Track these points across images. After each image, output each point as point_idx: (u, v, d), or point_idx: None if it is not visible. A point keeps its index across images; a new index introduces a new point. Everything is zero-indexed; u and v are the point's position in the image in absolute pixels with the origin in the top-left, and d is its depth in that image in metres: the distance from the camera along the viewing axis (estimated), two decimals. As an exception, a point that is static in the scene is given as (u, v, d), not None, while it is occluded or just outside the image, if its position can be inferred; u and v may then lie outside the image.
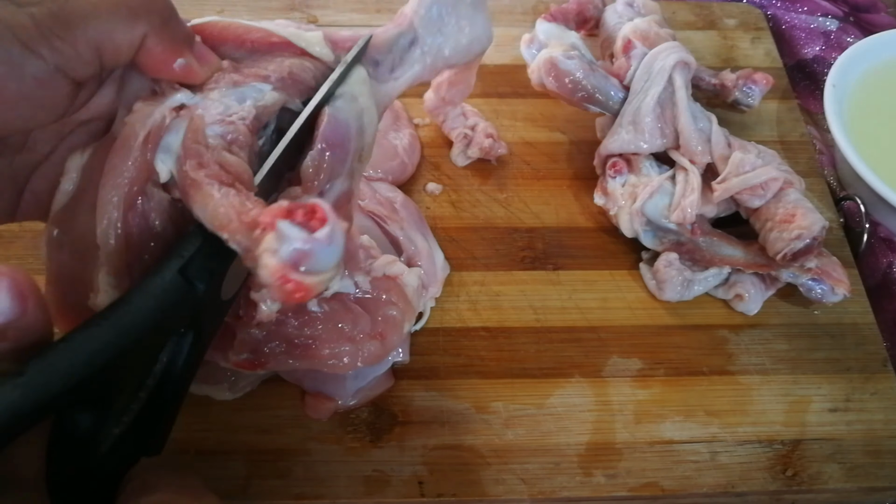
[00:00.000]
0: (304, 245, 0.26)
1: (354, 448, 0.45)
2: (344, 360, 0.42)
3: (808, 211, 0.49)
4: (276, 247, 0.26)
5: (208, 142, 0.33)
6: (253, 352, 0.40)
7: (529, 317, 0.51)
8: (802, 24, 0.71)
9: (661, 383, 0.49)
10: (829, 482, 0.45)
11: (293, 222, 0.26)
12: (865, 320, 0.52)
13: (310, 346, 0.41)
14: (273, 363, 0.41)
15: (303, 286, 0.26)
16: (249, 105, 0.35)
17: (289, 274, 0.26)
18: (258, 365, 0.40)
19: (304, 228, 0.26)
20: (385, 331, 0.43)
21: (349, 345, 0.42)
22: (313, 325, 0.41)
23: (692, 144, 0.52)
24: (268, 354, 0.40)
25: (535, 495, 0.44)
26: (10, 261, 0.51)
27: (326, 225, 0.26)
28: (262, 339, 0.40)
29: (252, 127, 0.35)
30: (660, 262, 0.51)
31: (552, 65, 0.55)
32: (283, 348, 0.41)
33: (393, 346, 0.44)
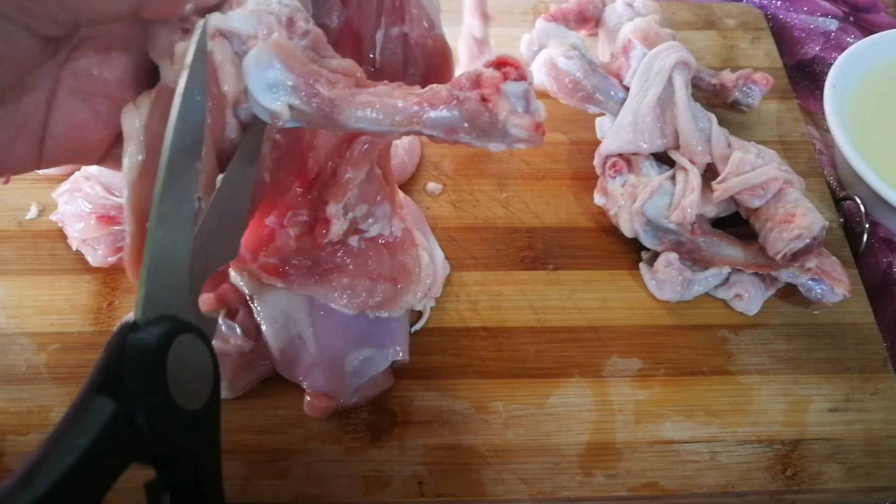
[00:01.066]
0: (526, 90, 0.30)
1: (354, 448, 0.45)
2: (361, 295, 0.43)
3: (808, 211, 0.49)
4: (512, 106, 0.30)
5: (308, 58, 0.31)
6: (281, 259, 0.40)
7: (529, 317, 0.51)
8: (802, 24, 0.71)
9: (661, 383, 0.49)
10: (829, 482, 0.45)
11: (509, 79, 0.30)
12: (865, 320, 0.52)
13: (333, 272, 0.42)
14: (294, 277, 0.40)
15: (543, 121, 0.30)
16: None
17: (536, 120, 0.30)
18: (281, 273, 0.40)
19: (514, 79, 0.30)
20: (399, 276, 0.44)
21: (368, 281, 0.42)
22: (344, 255, 0.42)
23: (692, 144, 0.52)
24: (294, 266, 0.40)
25: (535, 495, 0.44)
26: (12, 261, 0.51)
27: (521, 64, 0.30)
28: (294, 250, 0.40)
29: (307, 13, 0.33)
30: (660, 262, 0.51)
31: (552, 65, 0.55)
32: (309, 266, 0.41)
33: (403, 294, 0.45)
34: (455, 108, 0.31)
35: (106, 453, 0.24)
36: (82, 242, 0.50)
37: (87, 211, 0.49)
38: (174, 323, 0.26)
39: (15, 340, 0.48)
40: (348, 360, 0.45)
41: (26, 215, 0.53)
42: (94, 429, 0.24)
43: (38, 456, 0.23)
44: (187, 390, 0.26)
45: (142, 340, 0.25)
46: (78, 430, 0.23)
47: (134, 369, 0.25)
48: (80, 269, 0.51)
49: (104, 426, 0.24)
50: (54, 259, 0.52)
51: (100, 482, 0.24)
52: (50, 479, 0.22)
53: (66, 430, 0.24)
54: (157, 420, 0.25)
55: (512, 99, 0.30)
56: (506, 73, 0.30)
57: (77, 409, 0.24)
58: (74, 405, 0.24)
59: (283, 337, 0.45)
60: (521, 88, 0.30)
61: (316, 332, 0.45)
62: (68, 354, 0.48)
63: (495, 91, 0.30)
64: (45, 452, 0.23)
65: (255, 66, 0.30)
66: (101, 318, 0.49)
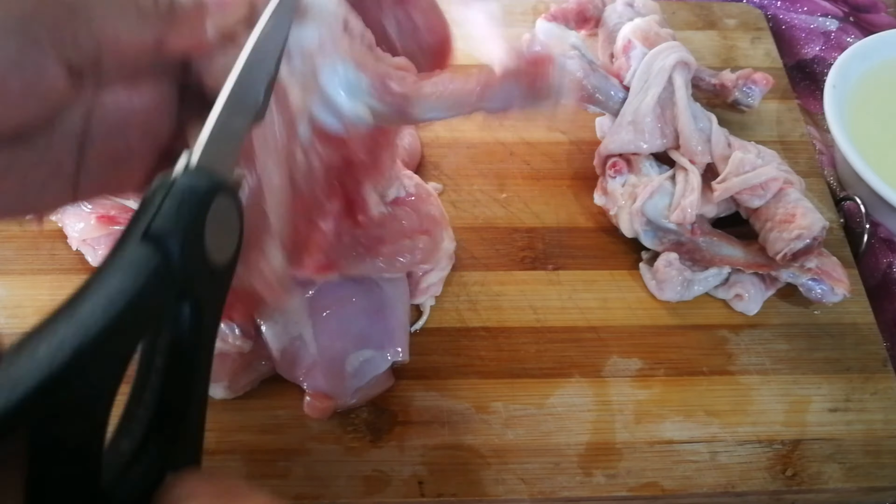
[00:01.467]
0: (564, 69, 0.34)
1: (354, 448, 0.45)
2: (406, 256, 0.45)
3: (808, 211, 0.49)
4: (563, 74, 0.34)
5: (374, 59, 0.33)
6: (327, 254, 0.41)
7: (529, 317, 0.51)
8: (802, 24, 0.71)
9: (661, 383, 0.49)
10: (829, 482, 0.45)
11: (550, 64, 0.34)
12: (865, 320, 0.52)
13: (375, 246, 0.43)
14: (345, 265, 0.43)
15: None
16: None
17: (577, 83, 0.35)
18: (333, 266, 0.42)
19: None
20: (430, 226, 0.46)
21: (407, 241, 0.44)
22: (378, 227, 0.43)
23: (692, 144, 0.52)
24: (340, 255, 0.42)
25: (535, 495, 0.44)
26: (12, 261, 0.51)
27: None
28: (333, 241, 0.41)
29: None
30: (660, 262, 0.51)
31: (552, 65, 0.55)
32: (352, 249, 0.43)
33: (438, 242, 0.48)
34: (512, 86, 0.34)
35: (147, 301, 0.24)
36: (82, 242, 0.50)
37: (87, 211, 0.49)
38: (219, 178, 0.27)
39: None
40: (349, 360, 0.45)
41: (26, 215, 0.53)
42: (141, 276, 0.24)
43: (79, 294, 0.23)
44: (217, 244, 0.27)
45: (193, 184, 0.26)
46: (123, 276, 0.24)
47: (180, 205, 0.25)
48: (80, 269, 0.51)
49: (149, 275, 0.24)
50: (54, 259, 0.52)
51: (139, 330, 0.25)
52: (100, 319, 0.23)
53: (110, 274, 0.24)
54: (192, 268, 0.25)
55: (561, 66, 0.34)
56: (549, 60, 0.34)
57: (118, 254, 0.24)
58: (115, 249, 0.25)
59: (283, 337, 0.45)
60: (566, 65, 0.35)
61: (316, 333, 0.45)
62: (68, 354, 0.48)
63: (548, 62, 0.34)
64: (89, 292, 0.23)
65: (331, 77, 0.32)
66: (101, 318, 0.49)
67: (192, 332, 0.27)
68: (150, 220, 0.25)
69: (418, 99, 0.33)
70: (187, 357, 0.27)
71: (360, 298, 0.47)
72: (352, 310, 0.46)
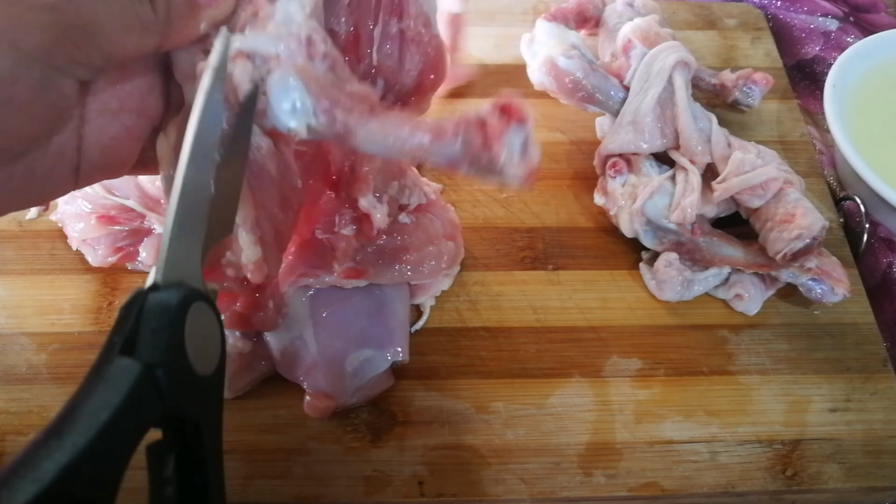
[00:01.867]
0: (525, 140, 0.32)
1: (354, 448, 0.45)
2: (432, 262, 0.46)
3: (808, 211, 0.49)
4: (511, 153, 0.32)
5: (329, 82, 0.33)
6: (355, 261, 0.43)
7: (529, 317, 0.51)
8: (802, 24, 0.71)
9: (661, 383, 0.49)
10: (829, 482, 0.45)
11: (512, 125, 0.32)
12: (865, 320, 0.52)
13: (400, 253, 0.45)
14: (372, 272, 0.44)
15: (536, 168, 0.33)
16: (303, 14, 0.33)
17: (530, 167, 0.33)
18: (361, 273, 0.44)
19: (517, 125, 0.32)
20: (453, 232, 0.48)
21: (431, 247, 0.46)
22: (403, 235, 0.46)
23: (692, 144, 0.52)
24: (366, 262, 0.44)
25: (535, 495, 0.44)
26: (12, 261, 0.51)
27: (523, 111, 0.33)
28: (359, 248, 0.43)
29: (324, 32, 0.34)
30: (660, 262, 0.51)
31: (552, 65, 0.55)
32: (378, 256, 0.45)
33: (461, 245, 0.50)
34: (459, 146, 0.33)
35: (133, 413, 0.24)
36: (82, 242, 0.50)
37: (87, 211, 0.49)
38: (190, 289, 0.28)
39: (15, 340, 0.48)
40: (349, 360, 0.45)
41: (26, 215, 0.53)
42: (124, 388, 0.24)
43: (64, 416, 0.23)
44: (201, 355, 0.27)
45: (163, 300, 0.26)
46: (107, 388, 0.24)
47: (156, 327, 0.26)
48: (80, 269, 0.51)
49: (132, 385, 0.24)
50: (54, 259, 0.52)
51: (128, 444, 0.25)
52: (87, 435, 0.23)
53: (92, 390, 0.24)
54: (175, 379, 0.26)
55: (512, 147, 0.33)
56: (508, 120, 0.33)
57: (100, 371, 0.25)
58: (95, 367, 0.25)
59: (283, 337, 0.45)
60: (520, 139, 0.33)
61: (316, 333, 0.45)
62: (68, 354, 0.48)
63: (498, 138, 0.33)
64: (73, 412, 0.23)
65: (279, 88, 0.32)
66: (101, 318, 0.49)
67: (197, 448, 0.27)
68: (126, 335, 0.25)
69: (362, 132, 0.33)
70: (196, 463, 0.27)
71: (360, 298, 0.47)
72: (352, 310, 0.46)
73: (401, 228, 0.47)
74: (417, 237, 0.47)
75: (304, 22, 0.33)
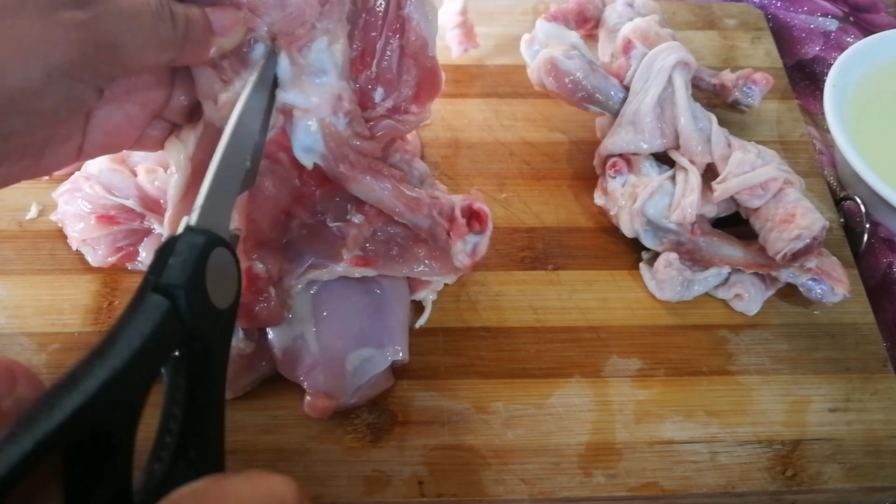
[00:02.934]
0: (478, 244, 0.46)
1: (354, 448, 0.45)
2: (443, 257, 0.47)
3: (808, 211, 0.49)
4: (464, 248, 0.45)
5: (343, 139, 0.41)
6: (363, 249, 0.46)
7: (529, 317, 0.51)
8: (802, 24, 0.71)
9: (661, 383, 0.49)
10: (829, 482, 0.45)
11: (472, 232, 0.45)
12: (865, 320, 0.52)
13: (412, 247, 0.47)
14: (382, 262, 0.46)
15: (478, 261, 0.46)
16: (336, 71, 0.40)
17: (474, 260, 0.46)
18: (370, 262, 0.46)
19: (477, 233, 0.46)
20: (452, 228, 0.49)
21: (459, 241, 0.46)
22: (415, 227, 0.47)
23: (692, 144, 0.52)
24: (376, 252, 0.46)
25: (535, 495, 0.44)
26: (12, 261, 0.51)
27: (486, 221, 0.46)
28: (370, 238, 0.46)
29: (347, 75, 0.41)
30: (660, 262, 0.51)
31: (552, 65, 0.55)
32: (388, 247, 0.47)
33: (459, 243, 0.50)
34: (427, 222, 0.45)
35: (161, 340, 0.29)
36: (82, 242, 0.50)
37: (87, 211, 0.49)
38: (216, 235, 0.32)
39: (15, 340, 0.48)
40: (349, 360, 0.45)
41: (26, 215, 0.53)
42: (154, 319, 0.28)
43: (104, 342, 0.27)
44: (218, 290, 0.32)
45: (192, 241, 0.31)
46: (141, 319, 0.28)
47: (183, 260, 0.30)
48: (80, 269, 0.51)
49: (162, 317, 0.29)
50: (54, 259, 0.52)
51: (155, 367, 0.29)
52: (122, 356, 0.27)
53: (130, 319, 0.28)
54: (193, 305, 0.30)
55: (466, 246, 0.45)
56: (471, 226, 0.45)
57: (136, 303, 0.29)
58: (133, 300, 0.29)
59: (286, 337, 0.45)
60: (476, 241, 0.46)
61: (318, 332, 0.45)
62: (68, 354, 0.48)
63: (458, 237, 0.45)
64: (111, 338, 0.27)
65: (303, 132, 0.40)
66: (101, 318, 0.49)
67: (205, 365, 0.31)
68: (158, 274, 0.30)
69: (356, 184, 0.42)
70: (202, 388, 0.31)
71: (360, 297, 0.47)
72: (352, 309, 0.46)
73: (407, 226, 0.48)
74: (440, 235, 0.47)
75: (337, 82, 0.40)
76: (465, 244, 0.44)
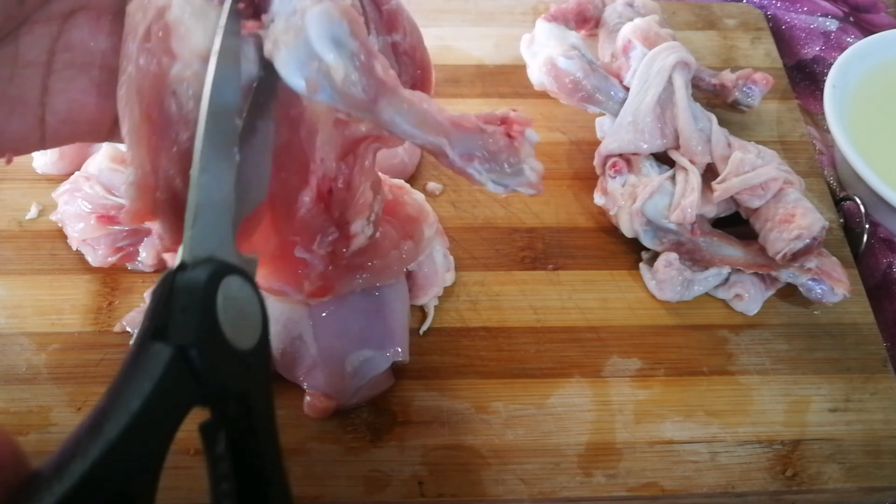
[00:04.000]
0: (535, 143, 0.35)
1: (354, 448, 0.45)
2: (397, 263, 0.44)
3: (808, 211, 0.49)
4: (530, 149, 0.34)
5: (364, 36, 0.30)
6: (322, 278, 0.41)
7: (529, 317, 0.51)
8: (802, 24, 0.71)
9: (661, 383, 0.49)
10: (829, 482, 0.45)
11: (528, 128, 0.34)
12: (865, 320, 0.52)
13: (365, 261, 0.43)
14: (339, 285, 0.42)
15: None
16: None
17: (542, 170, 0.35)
18: (329, 290, 0.42)
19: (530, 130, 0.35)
20: (411, 230, 0.46)
21: (394, 250, 0.44)
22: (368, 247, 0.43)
23: (692, 144, 0.52)
24: (334, 277, 0.42)
25: (535, 495, 0.44)
26: (12, 261, 0.51)
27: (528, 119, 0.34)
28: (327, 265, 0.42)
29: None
30: (660, 262, 0.51)
31: (552, 65, 0.55)
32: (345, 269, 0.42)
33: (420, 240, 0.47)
34: (480, 136, 0.33)
35: (168, 396, 0.24)
36: (82, 242, 0.50)
37: (87, 211, 0.49)
38: (220, 264, 0.27)
39: (15, 340, 0.48)
40: (349, 360, 0.45)
41: (26, 215, 0.53)
42: (156, 372, 0.24)
43: (103, 405, 0.23)
44: (238, 330, 0.26)
45: (191, 279, 0.26)
46: (139, 375, 0.24)
47: (185, 307, 0.25)
48: (80, 269, 0.51)
49: (164, 369, 0.24)
50: (54, 259, 0.52)
51: (165, 426, 0.24)
52: (120, 424, 0.23)
53: (127, 378, 0.24)
54: (210, 357, 0.25)
55: (531, 143, 0.34)
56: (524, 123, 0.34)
57: (135, 358, 0.24)
58: (131, 354, 0.25)
59: (284, 337, 0.45)
60: (536, 139, 0.34)
61: (317, 333, 0.45)
62: (68, 354, 0.48)
63: (521, 133, 0.34)
64: (111, 400, 0.23)
65: (322, 20, 0.29)
66: (101, 318, 0.49)
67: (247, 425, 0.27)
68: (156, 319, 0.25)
69: (392, 96, 0.31)
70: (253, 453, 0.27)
71: (360, 298, 0.47)
72: (351, 310, 0.46)
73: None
74: (381, 247, 0.45)
75: None
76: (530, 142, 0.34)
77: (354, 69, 0.29)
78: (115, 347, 0.48)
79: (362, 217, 0.41)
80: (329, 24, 0.29)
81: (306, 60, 0.29)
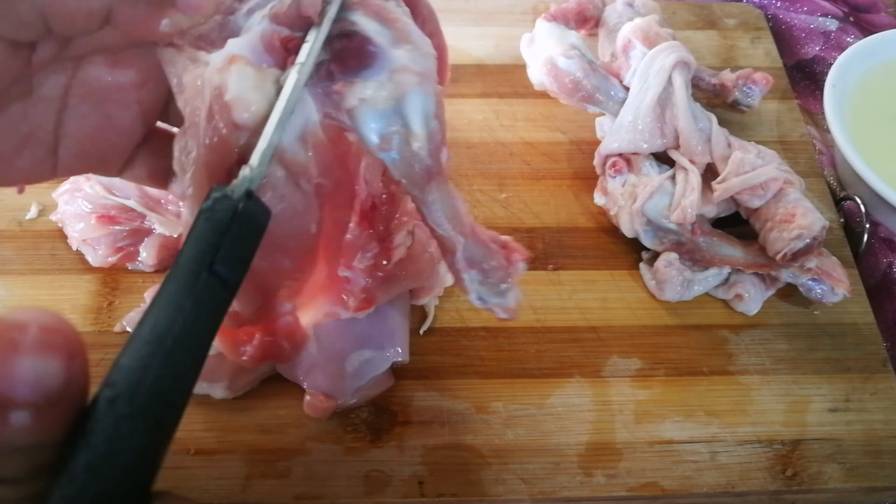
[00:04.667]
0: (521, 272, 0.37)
1: (354, 448, 0.45)
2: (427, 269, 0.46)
3: (808, 211, 0.49)
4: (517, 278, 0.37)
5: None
6: (365, 291, 0.43)
7: (529, 317, 0.51)
8: (802, 24, 0.71)
9: (661, 383, 0.49)
10: (829, 482, 0.45)
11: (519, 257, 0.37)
12: (865, 320, 0.52)
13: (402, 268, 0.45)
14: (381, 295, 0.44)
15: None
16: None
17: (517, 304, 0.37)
18: (371, 302, 0.44)
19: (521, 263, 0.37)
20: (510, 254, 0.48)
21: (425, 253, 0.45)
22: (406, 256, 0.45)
23: (692, 144, 0.52)
24: (373, 289, 0.44)
25: (535, 495, 0.44)
26: (12, 261, 0.51)
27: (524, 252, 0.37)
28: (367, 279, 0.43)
29: None
30: (660, 262, 0.51)
31: (552, 65, 0.55)
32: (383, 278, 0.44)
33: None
34: (486, 251, 0.36)
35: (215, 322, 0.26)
36: (82, 242, 0.50)
37: (87, 211, 0.49)
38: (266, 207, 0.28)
39: (15, 340, 0.48)
40: (349, 360, 0.45)
41: (26, 215, 0.53)
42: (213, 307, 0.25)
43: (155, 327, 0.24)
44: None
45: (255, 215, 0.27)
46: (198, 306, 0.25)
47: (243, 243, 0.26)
48: (80, 269, 0.51)
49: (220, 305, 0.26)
50: (54, 259, 0.52)
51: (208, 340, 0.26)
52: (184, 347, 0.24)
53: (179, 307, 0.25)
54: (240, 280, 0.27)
55: (518, 273, 0.37)
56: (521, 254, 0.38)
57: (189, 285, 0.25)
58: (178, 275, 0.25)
59: (283, 337, 0.45)
60: (524, 271, 0.37)
61: (317, 333, 0.45)
62: (68, 354, 0.47)
63: (518, 262, 0.37)
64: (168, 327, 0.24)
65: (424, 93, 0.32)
66: (101, 318, 0.49)
67: None
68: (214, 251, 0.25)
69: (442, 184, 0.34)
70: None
71: (360, 298, 0.47)
72: (352, 310, 0.46)
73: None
74: (413, 250, 0.46)
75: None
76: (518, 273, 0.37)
77: (426, 146, 0.32)
78: (116, 347, 0.48)
79: (406, 227, 0.43)
80: (427, 99, 0.32)
81: (391, 120, 0.32)
